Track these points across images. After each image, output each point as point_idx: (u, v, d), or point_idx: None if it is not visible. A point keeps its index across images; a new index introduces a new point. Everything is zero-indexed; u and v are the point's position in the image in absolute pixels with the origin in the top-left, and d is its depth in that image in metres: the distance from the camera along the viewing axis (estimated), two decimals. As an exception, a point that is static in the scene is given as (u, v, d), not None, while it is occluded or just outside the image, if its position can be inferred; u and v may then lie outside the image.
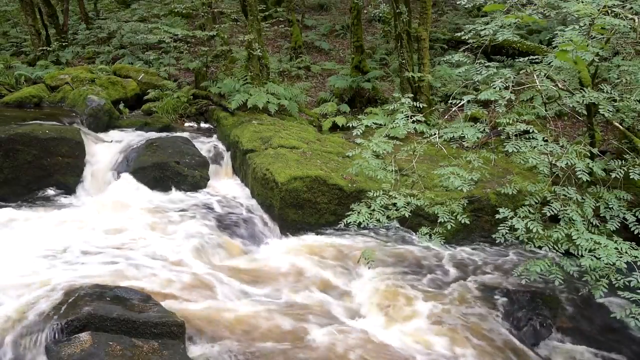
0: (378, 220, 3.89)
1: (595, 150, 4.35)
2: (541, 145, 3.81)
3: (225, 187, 6.80)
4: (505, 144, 3.92)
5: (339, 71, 10.36)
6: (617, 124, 4.38)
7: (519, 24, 4.26)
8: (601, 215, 4.00)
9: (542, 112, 4.48)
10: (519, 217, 3.77)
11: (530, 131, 3.82)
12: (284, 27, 12.48)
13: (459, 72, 4.50)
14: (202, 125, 8.82)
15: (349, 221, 3.98)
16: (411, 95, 5.05)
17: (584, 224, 3.71)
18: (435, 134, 3.98)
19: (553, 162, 3.94)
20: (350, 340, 3.90)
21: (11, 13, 15.81)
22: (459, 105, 3.93)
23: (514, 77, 3.82)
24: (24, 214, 5.62)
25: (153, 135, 7.64)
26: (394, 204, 3.97)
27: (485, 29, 4.26)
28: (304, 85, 9.98)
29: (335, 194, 5.76)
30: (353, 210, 4.00)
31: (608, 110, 3.84)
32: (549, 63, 3.98)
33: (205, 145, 7.56)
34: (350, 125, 4.49)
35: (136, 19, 14.31)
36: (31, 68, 10.61)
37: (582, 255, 3.60)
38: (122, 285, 4.05)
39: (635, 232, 3.77)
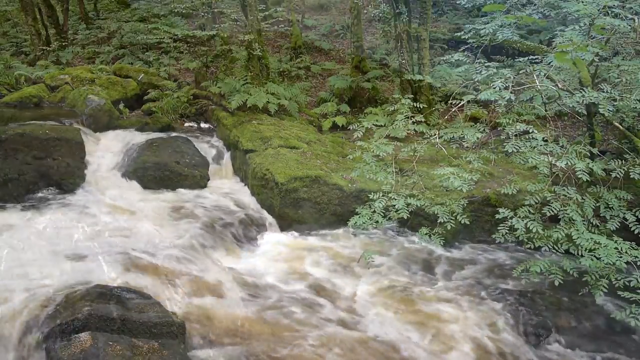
0: (377, 222, 3.89)
1: (595, 150, 4.35)
2: (541, 145, 3.81)
3: (225, 186, 6.80)
4: (505, 144, 3.92)
5: (339, 71, 10.36)
6: (617, 124, 4.39)
7: (518, 24, 4.27)
8: (601, 215, 4.00)
9: (542, 112, 4.48)
10: (519, 217, 3.77)
11: (530, 131, 3.83)
12: (284, 27, 12.47)
13: (459, 72, 4.50)
14: (202, 125, 8.81)
15: (351, 224, 3.99)
16: (411, 95, 5.06)
17: (584, 223, 3.71)
18: (435, 134, 3.98)
19: (553, 162, 3.94)
20: (348, 341, 3.91)
21: (11, 13, 15.80)
22: (459, 105, 3.93)
23: (514, 77, 3.82)
24: (24, 214, 5.61)
25: (153, 135, 7.63)
26: (394, 205, 3.97)
27: (485, 28, 4.26)
28: (304, 85, 9.97)
29: (335, 194, 5.76)
30: (357, 213, 4.01)
31: (608, 110, 3.85)
32: (549, 63, 3.99)
33: (205, 145, 7.56)
34: (351, 128, 4.50)
35: (136, 19, 14.30)
36: (31, 68, 10.59)
37: (582, 255, 3.61)
38: (122, 285, 4.06)
39: (635, 232, 3.77)
